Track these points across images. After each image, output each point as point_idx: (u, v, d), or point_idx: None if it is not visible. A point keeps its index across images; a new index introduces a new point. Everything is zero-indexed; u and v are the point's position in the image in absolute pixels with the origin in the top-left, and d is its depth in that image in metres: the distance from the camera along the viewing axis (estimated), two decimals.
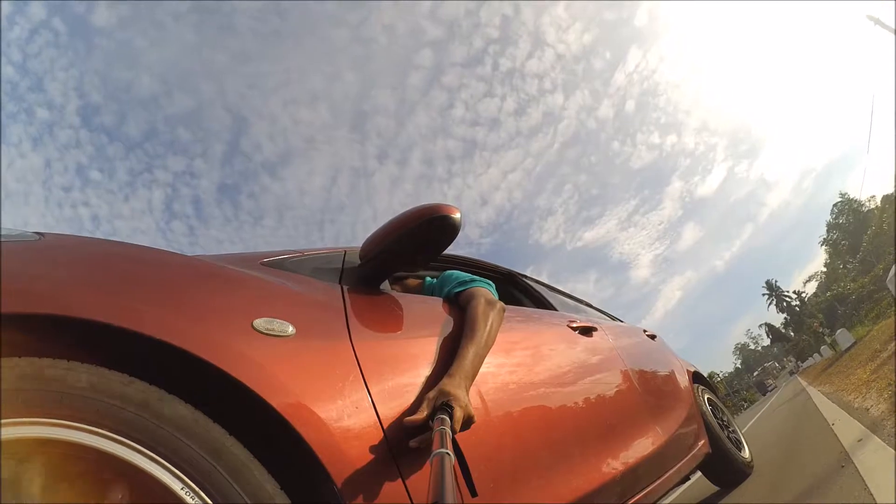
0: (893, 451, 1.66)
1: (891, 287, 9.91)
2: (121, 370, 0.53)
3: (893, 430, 1.98)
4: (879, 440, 1.94)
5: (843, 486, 1.50)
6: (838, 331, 15.16)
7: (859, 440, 2.11)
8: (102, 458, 0.46)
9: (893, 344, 5.14)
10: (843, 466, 1.76)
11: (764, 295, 56.45)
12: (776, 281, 56.44)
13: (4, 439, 0.41)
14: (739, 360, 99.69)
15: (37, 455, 0.43)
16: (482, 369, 0.95)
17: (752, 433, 5.23)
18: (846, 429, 2.57)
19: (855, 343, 10.48)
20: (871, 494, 1.30)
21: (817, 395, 5.81)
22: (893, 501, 1.19)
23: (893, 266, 10.13)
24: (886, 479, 1.38)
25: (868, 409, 2.86)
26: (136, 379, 0.53)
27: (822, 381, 8.47)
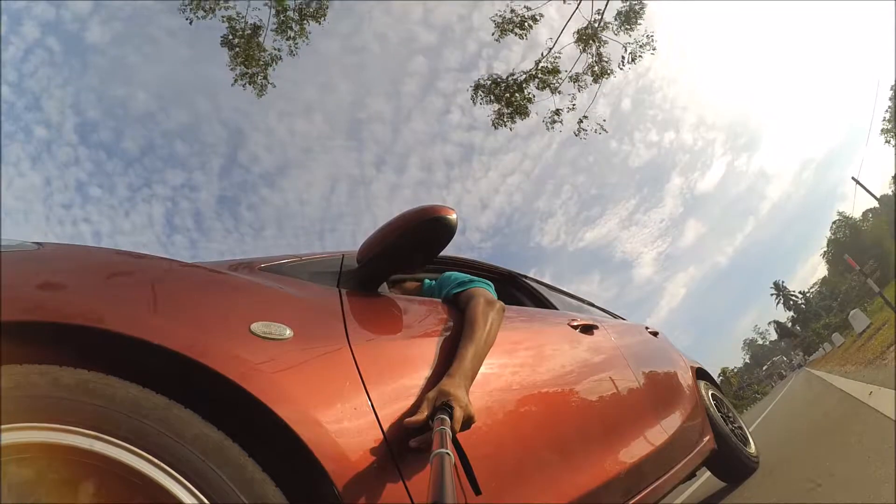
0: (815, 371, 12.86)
1: (853, 323, 14.46)
2: (119, 375, 0.53)
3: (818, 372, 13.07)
4: (814, 370, 15.57)
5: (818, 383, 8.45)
6: (851, 311, 16.74)
7: (816, 370, 14.05)
8: (101, 462, 0.46)
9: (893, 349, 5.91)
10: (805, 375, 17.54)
11: (772, 295, 62.74)
12: (783, 281, 63.81)
13: (4, 444, 0.42)
14: (748, 355, 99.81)
15: (37, 459, 0.44)
16: (483, 369, 0.95)
17: (789, 390, 13.33)
18: (819, 373, 11.51)
19: (869, 325, 13.21)
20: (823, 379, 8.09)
21: (812, 370, 16.71)
22: None
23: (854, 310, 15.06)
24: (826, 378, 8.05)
25: (824, 369, 12.01)
26: (135, 383, 0.53)
27: (813, 367, 20.60)
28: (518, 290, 1.89)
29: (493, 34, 8.18)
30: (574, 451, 1.10)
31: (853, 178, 19.25)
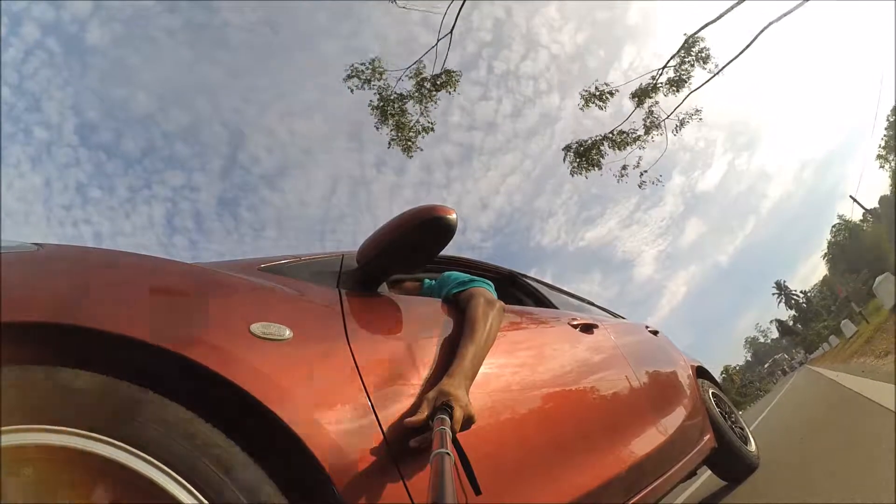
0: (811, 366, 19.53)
1: (877, 293, 15.48)
2: (119, 376, 0.53)
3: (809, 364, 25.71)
4: (811, 366, 23.73)
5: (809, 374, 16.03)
6: (843, 321, 22.39)
7: (815, 367, 19.15)
8: (100, 462, 0.47)
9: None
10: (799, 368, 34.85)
11: (774, 294, 65.30)
12: (784, 281, 66.52)
13: (4, 446, 0.42)
14: (750, 353, 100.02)
15: (36, 460, 0.44)
16: (483, 369, 0.95)
17: (792, 383, 16.49)
18: (816, 368, 16.16)
19: (856, 332, 18.68)
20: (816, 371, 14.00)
21: (811, 367, 22.58)
22: None
23: (884, 275, 15.20)
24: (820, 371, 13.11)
25: (821, 366, 17.32)
26: (134, 384, 0.53)
27: (812, 364, 26.86)
28: (518, 290, 1.90)
29: (578, 105, 10.05)
30: (574, 450, 1.10)
31: (851, 196, 22.37)
